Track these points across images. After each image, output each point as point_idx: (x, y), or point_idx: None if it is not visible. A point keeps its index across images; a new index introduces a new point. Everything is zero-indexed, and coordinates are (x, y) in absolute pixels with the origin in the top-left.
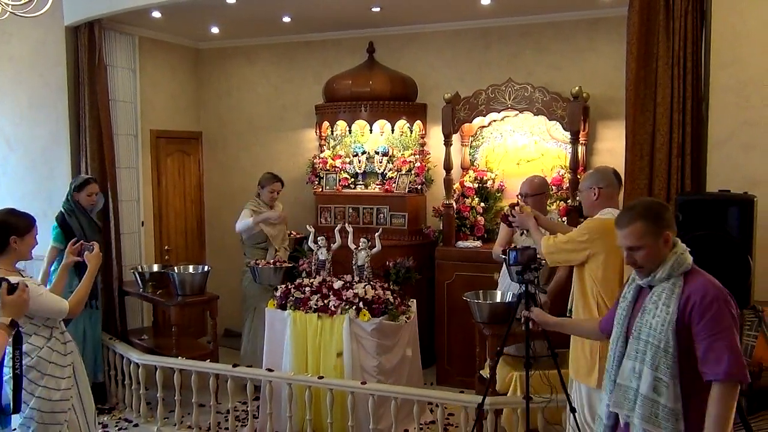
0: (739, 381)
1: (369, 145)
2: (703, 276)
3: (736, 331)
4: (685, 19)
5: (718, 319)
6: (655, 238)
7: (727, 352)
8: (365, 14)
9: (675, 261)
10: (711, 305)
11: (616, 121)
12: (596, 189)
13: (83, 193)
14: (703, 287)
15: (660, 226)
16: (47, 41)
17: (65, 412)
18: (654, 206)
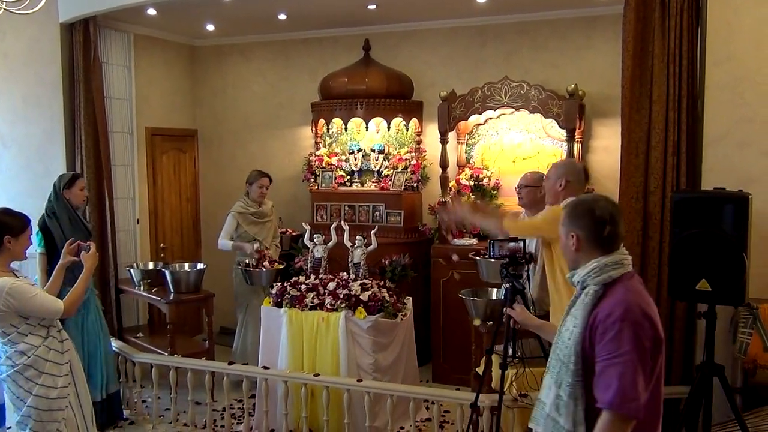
0: (626, 415)
1: (365, 143)
2: (623, 292)
3: (639, 359)
4: (681, 16)
5: (618, 342)
6: (565, 234)
7: (617, 381)
8: (361, 11)
9: (593, 267)
10: (614, 325)
11: (612, 119)
12: (563, 181)
13: (74, 189)
14: (613, 304)
15: (569, 224)
16: (42, 38)
17: (63, 410)
18: (579, 203)
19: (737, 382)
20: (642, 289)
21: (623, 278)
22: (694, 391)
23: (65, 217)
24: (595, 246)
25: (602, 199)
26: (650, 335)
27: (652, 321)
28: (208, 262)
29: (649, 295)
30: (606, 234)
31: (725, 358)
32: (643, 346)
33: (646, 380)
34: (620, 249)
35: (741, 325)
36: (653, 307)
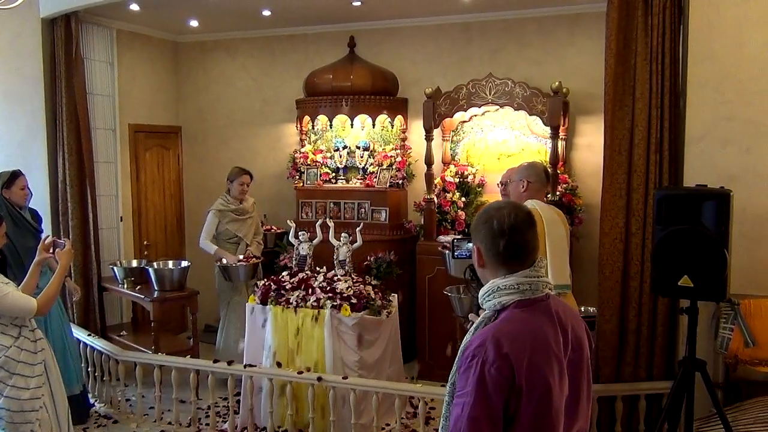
0: None
1: (350, 140)
2: (499, 324)
3: (480, 404)
4: (663, 15)
5: (465, 378)
6: (474, 245)
7: (454, 421)
8: (346, 8)
9: (488, 289)
10: (465, 360)
11: (596, 117)
12: (525, 182)
13: (14, 187)
14: (480, 336)
15: (475, 235)
16: (23, 34)
17: (36, 411)
18: (484, 212)
19: (719, 377)
20: (533, 321)
21: (517, 305)
22: (677, 386)
23: (8, 219)
24: (495, 262)
25: (507, 208)
26: (502, 379)
27: (509, 362)
28: (192, 260)
29: (547, 330)
30: (502, 248)
31: (707, 353)
32: (485, 390)
33: (490, 429)
34: (529, 270)
35: (722, 320)
36: (531, 344)
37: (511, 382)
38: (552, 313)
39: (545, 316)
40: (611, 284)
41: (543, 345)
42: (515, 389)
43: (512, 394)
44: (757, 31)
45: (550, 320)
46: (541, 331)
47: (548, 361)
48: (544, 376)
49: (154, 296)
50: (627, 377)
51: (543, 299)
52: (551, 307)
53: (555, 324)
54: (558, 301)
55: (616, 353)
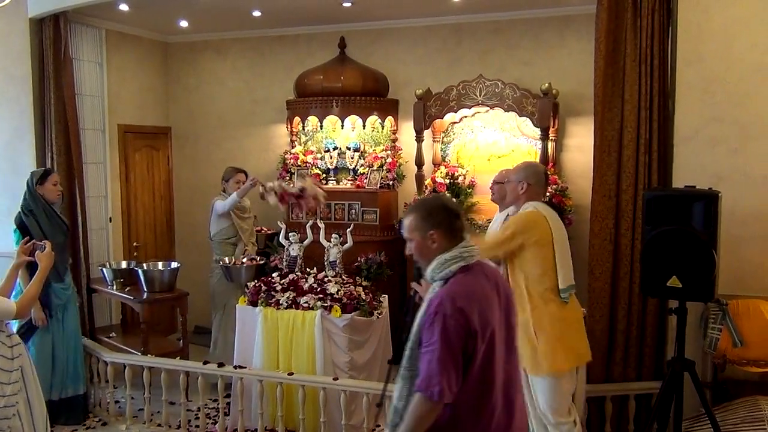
0: (429, 398)
1: (340, 141)
2: (449, 286)
3: (446, 349)
4: (652, 17)
5: (430, 333)
6: (422, 235)
7: (425, 367)
8: (337, 9)
9: (436, 264)
10: (431, 316)
11: (585, 118)
12: (524, 184)
13: (47, 184)
14: (438, 297)
15: (428, 223)
16: (10, 33)
17: (9, 418)
18: (429, 203)
19: (707, 377)
20: (475, 280)
21: (461, 270)
22: (666, 386)
23: (42, 214)
24: (449, 239)
25: (445, 196)
26: (459, 327)
27: (465, 313)
28: (182, 261)
29: (485, 285)
30: (457, 227)
31: (696, 353)
32: (449, 338)
33: (455, 368)
34: (465, 242)
35: (711, 321)
36: (477, 297)
37: (467, 329)
38: (486, 273)
39: (483, 275)
40: (601, 285)
41: (486, 297)
42: (471, 334)
43: (469, 338)
44: (744, 33)
45: (486, 278)
46: (482, 287)
47: (491, 308)
48: (490, 321)
49: (144, 297)
50: (616, 377)
51: (478, 264)
52: (485, 269)
53: (490, 281)
54: (485, 263)
55: (605, 354)
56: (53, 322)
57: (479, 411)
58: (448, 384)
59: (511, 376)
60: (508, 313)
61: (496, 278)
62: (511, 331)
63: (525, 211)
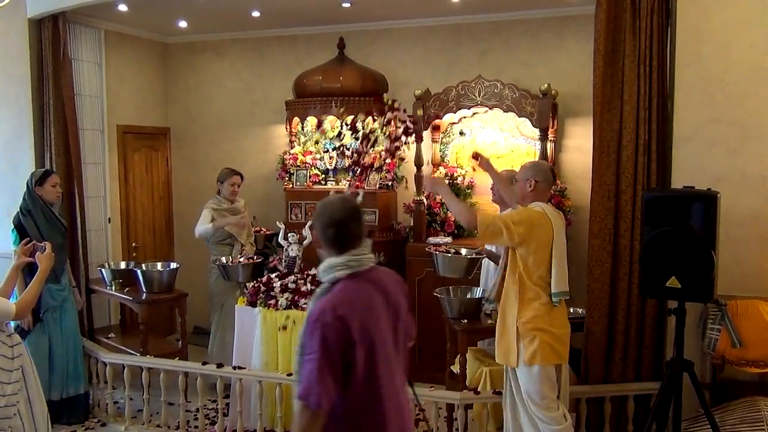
0: (308, 407)
1: None
2: (334, 294)
3: (325, 358)
4: (651, 18)
5: (312, 341)
6: (318, 238)
7: (306, 375)
8: (336, 9)
9: (323, 267)
10: (311, 324)
11: (584, 118)
12: (533, 181)
13: (47, 185)
14: (320, 305)
15: (318, 230)
16: (9, 34)
17: (9, 418)
18: (321, 207)
19: (706, 378)
20: (360, 288)
21: (347, 278)
22: (665, 387)
23: (40, 215)
24: (328, 245)
25: (337, 203)
26: (339, 336)
27: (345, 322)
28: (181, 261)
29: (370, 293)
30: (332, 236)
31: (695, 354)
32: (328, 347)
33: (333, 377)
34: (356, 250)
35: (710, 321)
36: (360, 306)
37: (346, 338)
38: (376, 281)
39: (371, 284)
40: (600, 286)
41: (370, 306)
42: (351, 342)
43: (348, 347)
44: (744, 34)
45: (375, 287)
46: (367, 295)
47: (375, 317)
48: (372, 331)
49: (143, 298)
50: (615, 378)
51: (368, 271)
52: (375, 276)
53: (379, 289)
54: (380, 270)
55: (604, 354)
56: (50, 323)
57: (368, 417)
58: (328, 392)
59: (399, 381)
60: (396, 320)
61: (386, 286)
62: (399, 338)
63: (532, 208)
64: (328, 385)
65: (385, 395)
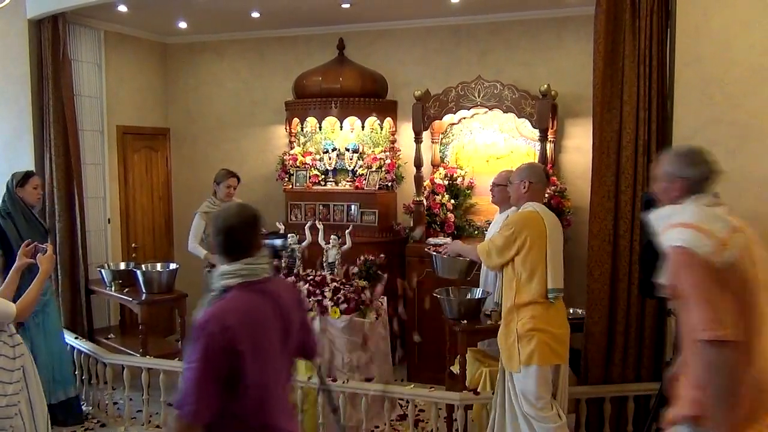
0: (182, 418)
1: (339, 142)
2: (222, 302)
3: (206, 369)
4: (651, 18)
5: (195, 349)
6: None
7: (184, 385)
8: (335, 10)
9: (216, 274)
10: (196, 332)
11: (584, 119)
12: (526, 182)
13: (28, 186)
14: (206, 313)
15: (213, 236)
16: (9, 34)
17: (11, 417)
18: (217, 212)
19: None
20: (250, 298)
21: (238, 287)
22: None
23: (21, 217)
24: (220, 252)
25: (231, 210)
26: (223, 347)
27: (230, 332)
28: (180, 262)
29: (260, 304)
30: (223, 243)
31: None
32: (209, 357)
33: (214, 388)
34: (250, 259)
35: None
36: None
37: (231, 348)
38: (269, 292)
39: (263, 294)
40: (600, 286)
41: (259, 317)
42: (236, 353)
43: (233, 357)
44: (743, 34)
45: (267, 298)
46: (257, 306)
47: (264, 328)
48: (260, 341)
49: (142, 299)
50: (615, 378)
51: (262, 282)
52: (268, 287)
53: (270, 300)
54: (276, 281)
55: (604, 355)
56: (32, 327)
57: (257, 427)
58: (206, 405)
59: (285, 389)
60: (287, 331)
61: (278, 298)
62: (288, 348)
63: (524, 210)
64: (208, 397)
65: (274, 405)
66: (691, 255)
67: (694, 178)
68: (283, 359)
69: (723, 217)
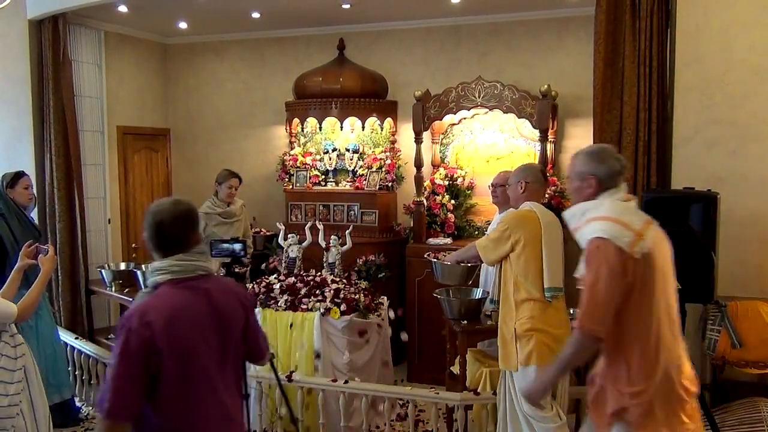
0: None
1: (339, 143)
2: (149, 299)
3: (125, 365)
4: (651, 19)
5: (115, 346)
6: None
7: (105, 382)
8: (336, 11)
9: (150, 269)
10: (118, 329)
11: (584, 119)
12: (523, 183)
13: (18, 187)
14: (131, 309)
15: (145, 230)
16: (9, 35)
17: (13, 417)
18: (151, 206)
19: (706, 379)
20: (179, 296)
21: (168, 283)
22: None
23: (13, 218)
24: (152, 247)
25: (164, 206)
26: (142, 344)
27: (151, 329)
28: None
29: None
30: (154, 238)
31: (695, 354)
32: (129, 354)
33: (132, 386)
34: (182, 255)
35: (710, 322)
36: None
37: (151, 346)
38: (202, 290)
39: (194, 292)
40: None
41: (186, 315)
42: (156, 351)
43: (152, 356)
44: (743, 35)
45: (198, 296)
46: (184, 304)
47: (190, 327)
48: (184, 340)
49: None
50: None
51: (194, 279)
52: (201, 285)
53: (203, 298)
54: (215, 280)
55: None
56: (24, 330)
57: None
58: (123, 403)
59: (226, 395)
60: (224, 331)
61: (213, 296)
62: (229, 351)
63: (521, 209)
64: (125, 396)
65: (203, 408)
66: (610, 245)
67: (605, 174)
68: (218, 360)
69: (637, 211)
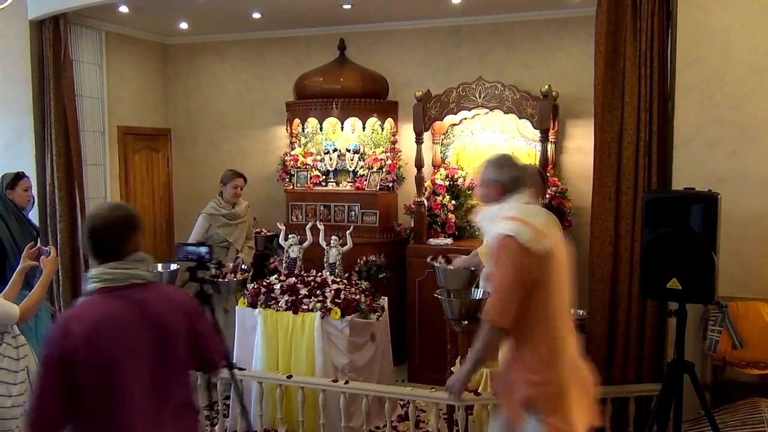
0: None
1: (340, 143)
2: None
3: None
4: (652, 19)
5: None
6: None
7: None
8: (336, 11)
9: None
10: (44, 339)
11: (585, 120)
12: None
13: (18, 189)
14: (56, 320)
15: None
16: (10, 35)
17: (17, 418)
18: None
19: (707, 379)
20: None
21: (98, 292)
22: (665, 388)
23: (12, 219)
24: (89, 255)
25: (100, 212)
26: (59, 354)
27: (70, 339)
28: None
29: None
30: (87, 245)
31: (695, 355)
32: (46, 365)
33: (50, 398)
34: (116, 263)
35: (711, 323)
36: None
37: (69, 356)
38: (134, 300)
39: (125, 301)
40: (601, 287)
41: (111, 325)
42: (75, 362)
43: (72, 366)
44: (744, 35)
45: (129, 305)
46: (113, 314)
47: (115, 337)
48: (107, 351)
49: None
50: (616, 380)
51: (125, 288)
52: (135, 294)
53: (136, 308)
54: (153, 289)
55: (605, 356)
56: (24, 331)
57: None
58: (42, 417)
59: (165, 408)
60: (162, 342)
61: (148, 305)
62: (168, 362)
63: None
64: (45, 407)
65: (131, 423)
66: (515, 242)
67: (507, 180)
68: (155, 371)
69: (540, 212)
